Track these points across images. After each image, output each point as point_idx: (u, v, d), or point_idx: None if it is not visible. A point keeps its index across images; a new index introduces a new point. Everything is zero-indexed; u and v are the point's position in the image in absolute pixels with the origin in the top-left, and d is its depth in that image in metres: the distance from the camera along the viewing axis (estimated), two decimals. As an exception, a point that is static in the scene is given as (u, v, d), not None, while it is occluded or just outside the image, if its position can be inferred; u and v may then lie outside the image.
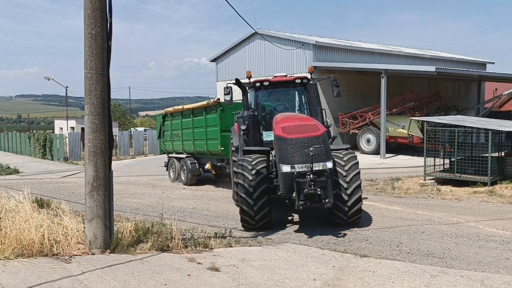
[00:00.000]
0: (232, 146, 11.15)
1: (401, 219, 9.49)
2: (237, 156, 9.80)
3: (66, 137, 32.06)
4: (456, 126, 13.42)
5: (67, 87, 44.66)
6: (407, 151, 21.79)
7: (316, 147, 7.71)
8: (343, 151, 8.90)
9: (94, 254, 6.06)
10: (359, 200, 8.44)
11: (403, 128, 20.97)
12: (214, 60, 31.50)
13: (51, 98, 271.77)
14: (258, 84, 10.45)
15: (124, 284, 5.11)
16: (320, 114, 10.25)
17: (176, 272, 5.66)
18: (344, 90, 13.01)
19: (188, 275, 5.59)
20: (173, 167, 17.08)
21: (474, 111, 27.16)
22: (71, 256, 5.88)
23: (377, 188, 13.36)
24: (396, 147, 22.29)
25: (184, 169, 15.96)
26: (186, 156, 16.04)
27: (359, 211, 8.58)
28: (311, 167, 7.67)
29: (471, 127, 13.47)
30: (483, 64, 35.06)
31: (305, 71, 19.10)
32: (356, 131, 22.78)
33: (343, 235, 8.15)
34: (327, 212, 8.87)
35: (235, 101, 10.59)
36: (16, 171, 23.76)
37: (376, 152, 21.22)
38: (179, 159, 16.47)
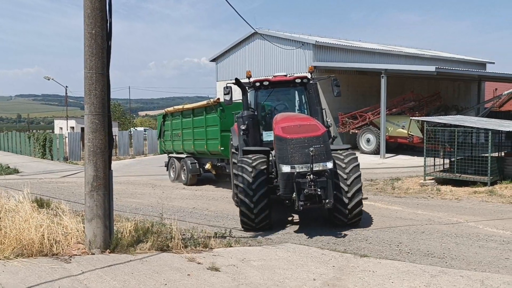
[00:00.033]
0: (232, 147, 11.11)
1: (401, 219, 9.49)
2: (236, 158, 9.73)
3: (66, 137, 32.06)
4: (456, 126, 13.41)
5: (66, 86, 44.76)
6: (407, 151, 21.79)
7: (316, 147, 7.66)
8: (344, 151, 8.84)
9: (94, 254, 6.06)
10: (359, 204, 8.41)
11: (403, 128, 20.97)
12: (214, 60, 31.50)
13: (51, 97, 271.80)
14: (258, 83, 10.40)
15: (124, 284, 5.11)
16: (320, 114, 10.21)
17: (176, 272, 5.65)
18: (344, 90, 13.00)
19: (188, 275, 5.59)
20: (173, 167, 17.08)
21: (474, 111, 27.15)
22: (71, 256, 5.88)
23: (377, 188, 13.36)
24: (396, 147, 22.29)
25: (184, 169, 15.96)
26: (186, 156, 16.04)
27: (360, 214, 8.57)
28: (311, 167, 7.62)
29: (471, 127, 13.47)
30: (483, 64, 35.08)
31: (305, 71, 19.09)
32: (356, 131, 22.78)
33: (343, 235, 8.14)
34: (327, 213, 8.86)
35: (235, 101, 10.56)
36: (16, 171, 23.77)
37: (376, 152, 21.22)
38: (179, 159, 16.47)
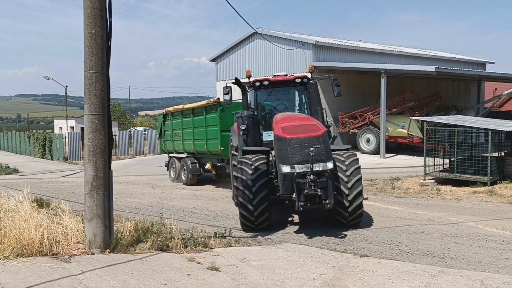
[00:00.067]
0: (232, 147, 11.08)
1: (400, 219, 9.48)
2: (236, 160, 9.63)
3: (66, 136, 32.06)
4: (456, 126, 13.41)
5: (66, 86, 44.79)
6: (407, 151, 21.79)
7: (316, 147, 7.64)
8: (344, 152, 8.74)
9: (94, 254, 6.06)
10: (360, 206, 8.39)
11: (403, 128, 20.97)
12: (214, 60, 31.49)
13: (51, 97, 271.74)
14: (258, 83, 10.37)
15: (124, 284, 5.11)
16: (320, 114, 10.18)
17: (176, 271, 5.65)
18: (344, 90, 12.99)
19: (188, 274, 5.59)
20: (173, 166, 17.07)
21: (474, 111, 27.16)
22: (71, 256, 5.88)
23: (377, 188, 13.36)
24: (396, 147, 22.28)
25: (184, 169, 15.96)
26: (186, 156, 16.03)
27: (360, 216, 8.55)
28: (311, 167, 7.60)
29: (471, 127, 13.47)
30: (483, 64, 35.07)
31: (305, 71, 19.10)
32: (356, 131, 22.77)
33: (342, 235, 8.14)
34: (327, 214, 8.84)
35: (234, 100, 10.53)
36: (16, 171, 23.78)
37: (376, 152, 21.22)
38: (179, 159, 16.47)
